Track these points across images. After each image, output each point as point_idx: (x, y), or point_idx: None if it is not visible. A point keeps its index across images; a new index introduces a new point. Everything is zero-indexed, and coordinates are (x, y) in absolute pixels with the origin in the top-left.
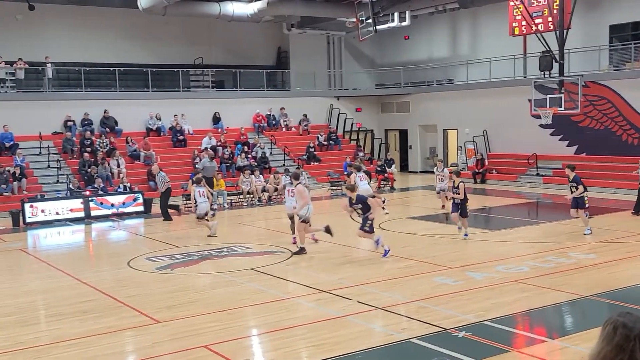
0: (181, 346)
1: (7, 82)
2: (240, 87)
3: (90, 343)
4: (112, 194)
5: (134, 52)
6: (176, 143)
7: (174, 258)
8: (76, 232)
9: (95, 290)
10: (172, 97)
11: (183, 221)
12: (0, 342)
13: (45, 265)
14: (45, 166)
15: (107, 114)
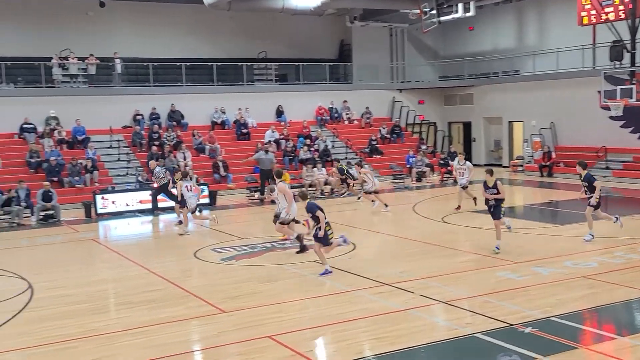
0: (246, 336)
1: (79, 78)
2: (303, 80)
3: (158, 331)
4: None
5: (199, 47)
6: (240, 136)
7: (239, 249)
8: (144, 223)
9: (163, 280)
10: (236, 91)
11: (246, 213)
12: (73, 329)
13: (115, 255)
14: (116, 159)
15: (173, 108)
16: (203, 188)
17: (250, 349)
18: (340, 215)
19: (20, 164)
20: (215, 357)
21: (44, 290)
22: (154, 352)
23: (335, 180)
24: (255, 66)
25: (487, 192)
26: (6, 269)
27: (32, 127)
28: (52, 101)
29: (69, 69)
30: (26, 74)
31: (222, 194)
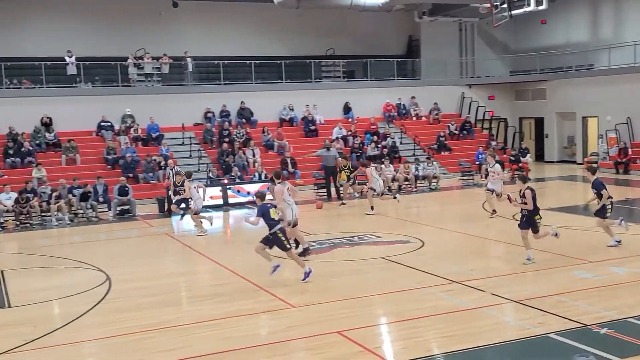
0: (314, 331)
1: (154, 77)
2: (371, 76)
3: (228, 324)
4: (248, 182)
5: (268, 45)
6: (308, 133)
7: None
8: (215, 218)
9: (233, 274)
10: (304, 88)
11: (313, 209)
12: (149, 320)
13: (187, 249)
14: (187, 155)
15: (243, 106)
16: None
17: (319, 344)
18: (407, 212)
19: (98, 160)
20: (284, 351)
21: (120, 283)
22: (225, 345)
23: (402, 177)
24: (323, 63)
25: (521, 201)
26: (85, 261)
27: (109, 124)
28: (128, 99)
29: (143, 68)
30: (103, 73)
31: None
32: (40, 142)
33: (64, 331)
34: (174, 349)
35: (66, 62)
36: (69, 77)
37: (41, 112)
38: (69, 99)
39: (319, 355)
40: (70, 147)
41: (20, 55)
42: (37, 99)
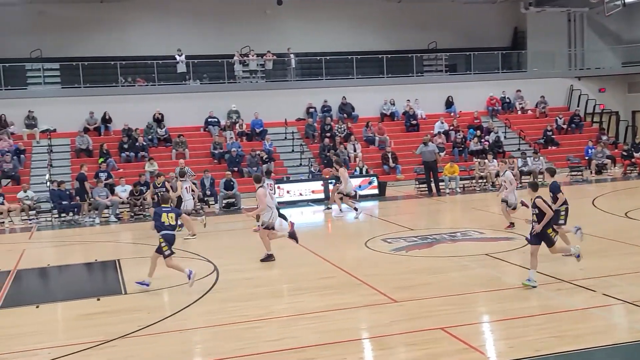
0: (417, 326)
1: (258, 73)
2: (474, 70)
3: (331, 317)
4: (349, 176)
5: (369, 39)
6: (409, 127)
7: (409, 240)
8: (317, 212)
9: (335, 268)
10: (405, 83)
11: (415, 204)
12: (256, 310)
13: (290, 242)
14: (290, 150)
15: (344, 101)
16: (372, 179)
17: (422, 340)
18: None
19: (205, 155)
20: (387, 346)
21: (228, 273)
22: (329, 337)
23: None
24: (425, 57)
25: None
26: (194, 252)
27: (216, 120)
28: (234, 96)
29: (248, 65)
30: (210, 71)
31: (391, 185)
32: (152, 137)
33: (174, 318)
34: (279, 339)
35: (176, 61)
36: (178, 75)
37: (153, 109)
38: (178, 96)
39: (423, 351)
40: (180, 142)
41: (134, 54)
42: (149, 96)
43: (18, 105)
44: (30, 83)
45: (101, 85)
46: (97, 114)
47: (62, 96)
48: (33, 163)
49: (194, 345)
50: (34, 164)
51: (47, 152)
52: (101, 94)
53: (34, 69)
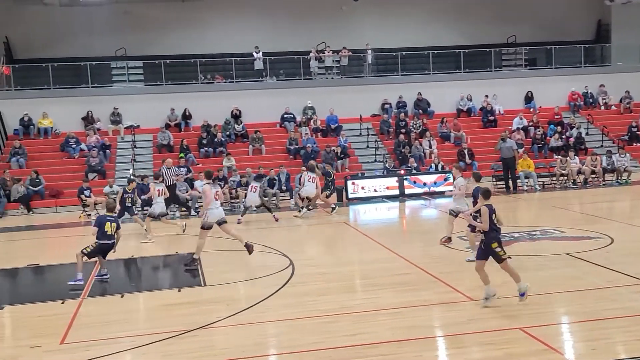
0: (495, 325)
1: (333, 69)
2: (555, 64)
3: (407, 314)
4: (424, 173)
5: (446, 34)
6: (486, 124)
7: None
8: (391, 208)
9: (410, 264)
10: (483, 78)
11: (494, 202)
12: (329, 305)
13: (365, 238)
14: (365, 146)
15: (420, 96)
16: (448, 176)
17: (500, 339)
18: (594, 207)
19: (281, 150)
20: (463, 344)
21: (303, 267)
22: (405, 333)
23: (589, 170)
24: (503, 51)
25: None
26: (271, 246)
27: (292, 116)
28: (309, 92)
29: (324, 61)
30: (287, 67)
31: (468, 181)
32: (230, 133)
33: (252, 311)
34: (356, 334)
35: (254, 58)
36: (256, 72)
37: (231, 105)
38: (255, 93)
39: (501, 351)
40: (256, 138)
41: (213, 52)
42: (227, 93)
43: (104, 102)
44: (116, 81)
45: (182, 82)
46: (178, 111)
47: (145, 93)
48: (118, 158)
49: (270, 338)
50: (119, 158)
51: (130, 148)
52: (181, 91)
53: (119, 67)
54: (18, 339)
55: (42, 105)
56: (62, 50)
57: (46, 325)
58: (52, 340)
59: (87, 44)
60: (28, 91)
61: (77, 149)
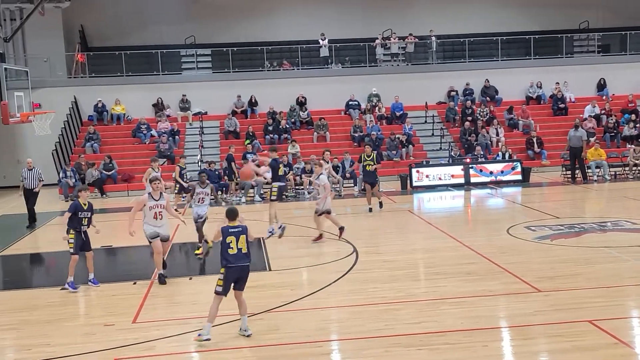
0: (563, 318)
1: (399, 56)
2: (630, 50)
3: (472, 303)
4: (491, 161)
5: (515, 20)
6: (556, 111)
7: (554, 229)
8: (456, 197)
9: (476, 254)
10: (553, 64)
11: (561, 191)
12: (394, 293)
13: (429, 226)
14: (430, 134)
15: (487, 84)
16: (516, 164)
17: (568, 332)
18: None
19: (345, 138)
20: (530, 335)
21: (367, 255)
22: (471, 323)
23: None
24: (575, 37)
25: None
26: (334, 233)
27: (357, 103)
28: (374, 79)
29: (390, 48)
30: (352, 54)
31: (536, 171)
32: (295, 120)
33: (315, 296)
34: (421, 322)
35: (320, 45)
36: (321, 59)
37: (297, 92)
38: (321, 80)
39: (569, 343)
40: (321, 125)
41: (280, 39)
42: (293, 80)
43: (173, 89)
44: (185, 68)
45: (248, 69)
46: (244, 98)
47: (212, 80)
48: (186, 144)
49: (333, 323)
50: (187, 144)
51: (198, 134)
52: (248, 78)
53: (188, 54)
54: (92, 317)
55: (115, 92)
56: (134, 38)
57: (119, 304)
58: (125, 319)
59: (157, 32)
60: (102, 78)
61: (147, 134)
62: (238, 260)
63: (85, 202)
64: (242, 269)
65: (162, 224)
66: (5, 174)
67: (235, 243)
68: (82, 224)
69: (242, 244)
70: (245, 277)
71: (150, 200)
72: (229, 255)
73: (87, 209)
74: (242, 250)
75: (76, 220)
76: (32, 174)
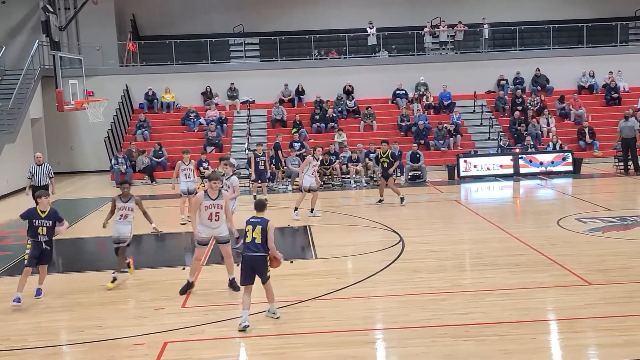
0: (616, 311)
1: (448, 45)
2: None
3: (521, 295)
4: (541, 152)
5: (568, 7)
6: (609, 101)
7: (606, 221)
8: (505, 187)
9: (524, 245)
10: (607, 53)
11: (613, 183)
12: (440, 283)
13: (476, 217)
14: (478, 124)
15: (538, 72)
16: (567, 155)
17: (620, 326)
18: None
19: (392, 127)
20: (580, 329)
21: (413, 244)
22: (519, 315)
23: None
24: (631, 25)
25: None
26: (380, 222)
27: (404, 92)
28: (422, 68)
29: (439, 36)
30: (400, 43)
31: (587, 162)
32: (342, 109)
33: (361, 285)
34: (467, 313)
35: (367, 33)
36: (369, 48)
37: (344, 81)
38: (368, 68)
39: (621, 337)
40: (368, 114)
41: (328, 28)
42: (340, 68)
43: (222, 77)
44: (233, 57)
45: (296, 58)
46: (292, 86)
47: (260, 69)
48: (234, 132)
49: (379, 312)
50: (235, 132)
51: (246, 122)
52: (295, 66)
53: (237, 43)
54: (143, 301)
55: (165, 80)
56: (184, 27)
57: (169, 289)
58: (174, 304)
59: (207, 21)
60: (152, 67)
61: (196, 122)
62: (250, 248)
63: (44, 208)
64: (252, 258)
65: (217, 225)
66: (60, 160)
67: (251, 232)
68: (38, 233)
69: (257, 234)
70: (259, 268)
71: (207, 199)
72: (245, 243)
73: (45, 217)
74: (255, 240)
75: (32, 230)
76: (41, 169)
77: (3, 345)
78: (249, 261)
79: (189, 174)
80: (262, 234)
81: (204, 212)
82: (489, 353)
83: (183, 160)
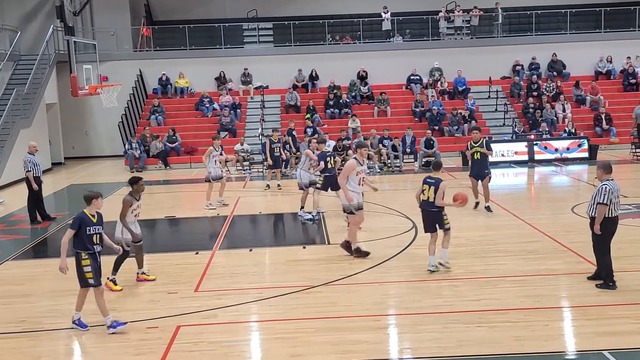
0: (629, 299)
1: (463, 30)
2: None
3: (536, 282)
4: (556, 138)
5: None
6: (627, 87)
7: (622, 208)
8: (519, 174)
9: (538, 232)
10: (625, 38)
11: (630, 170)
12: (454, 269)
13: (490, 203)
14: (493, 109)
15: (554, 58)
16: (582, 142)
17: (634, 314)
18: None
19: (406, 113)
20: (593, 316)
21: None
22: (533, 302)
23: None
24: None
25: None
26: (393, 208)
27: (418, 78)
28: (436, 53)
29: (454, 21)
30: (414, 28)
31: (604, 148)
32: (355, 95)
33: (374, 271)
34: (481, 299)
35: (382, 18)
36: (383, 33)
37: (358, 66)
38: (382, 54)
39: (635, 325)
40: (382, 100)
41: (342, 13)
42: (354, 54)
43: (235, 62)
44: (247, 42)
45: (310, 43)
46: (305, 72)
47: (274, 54)
48: (247, 117)
49: (391, 298)
50: (248, 118)
51: (259, 107)
52: (309, 52)
53: (250, 28)
54: (156, 285)
55: (179, 65)
56: (198, 12)
57: (182, 273)
58: (188, 288)
59: (220, 6)
60: (166, 52)
61: (210, 108)
62: (427, 205)
63: (93, 212)
64: (429, 213)
65: (361, 190)
66: (74, 145)
67: (427, 192)
68: (94, 242)
69: (430, 194)
70: (437, 220)
71: (358, 165)
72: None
73: (97, 222)
74: (429, 199)
75: (85, 240)
76: (37, 159)
77: (20, 327)
78: (427, 215)
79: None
80: (434, 193)
81: (355, 177)
82: (501, 339)
83: (214, 146)
